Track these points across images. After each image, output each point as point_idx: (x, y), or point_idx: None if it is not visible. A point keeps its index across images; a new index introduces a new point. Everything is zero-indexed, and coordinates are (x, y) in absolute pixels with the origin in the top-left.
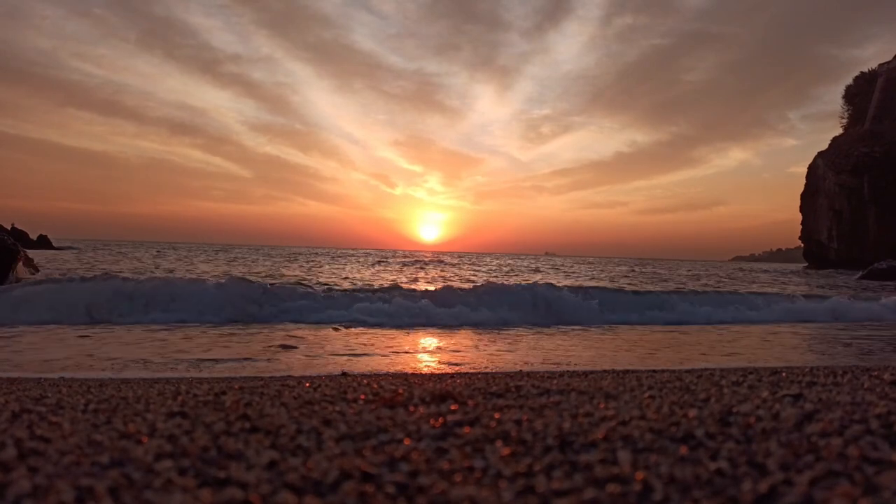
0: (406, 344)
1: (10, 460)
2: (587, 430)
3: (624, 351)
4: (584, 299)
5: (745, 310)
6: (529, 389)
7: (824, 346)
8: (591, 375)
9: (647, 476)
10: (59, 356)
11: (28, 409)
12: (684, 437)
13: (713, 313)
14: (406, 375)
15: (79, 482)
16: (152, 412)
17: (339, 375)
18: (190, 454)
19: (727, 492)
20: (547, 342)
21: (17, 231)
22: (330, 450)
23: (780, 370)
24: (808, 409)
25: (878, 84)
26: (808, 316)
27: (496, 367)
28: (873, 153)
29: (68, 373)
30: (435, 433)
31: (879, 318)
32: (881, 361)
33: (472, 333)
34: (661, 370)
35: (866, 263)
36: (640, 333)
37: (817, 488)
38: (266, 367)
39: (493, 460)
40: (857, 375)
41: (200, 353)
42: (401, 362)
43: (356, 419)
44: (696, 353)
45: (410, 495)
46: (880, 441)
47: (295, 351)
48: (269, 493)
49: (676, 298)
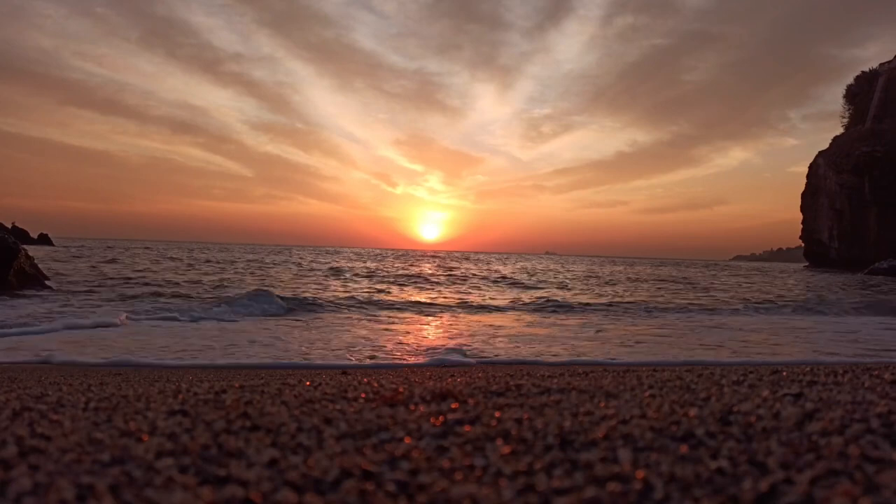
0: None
1: (11, 458)
2: (588, 429)
3: None
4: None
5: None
6: (530, 388)
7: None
8: (591, 374)
9: (648, 475)
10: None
11: (29, 408)
12: (685, 435)
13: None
14: (406, 374)
15: (80, 480)
16: (153, 410)
17: (340, 374)
18: (191, 452)
19: (728, 490)
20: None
21: (18, 229)
22: (330, 448)
23: (781, 369)
24: (809, 408)
25: (878, 83)
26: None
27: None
28: (874, 153)
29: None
30: (435, 431)
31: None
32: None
33: None
34: (662, 369)
35: (867, 263)
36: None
37: (818, 487)
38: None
39: (494, 459)
40: (857, 374)
41: None
42: None
43: (357, 417)
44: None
45: (411, 493)
46: (881, 440)
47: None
48: (270, 491)
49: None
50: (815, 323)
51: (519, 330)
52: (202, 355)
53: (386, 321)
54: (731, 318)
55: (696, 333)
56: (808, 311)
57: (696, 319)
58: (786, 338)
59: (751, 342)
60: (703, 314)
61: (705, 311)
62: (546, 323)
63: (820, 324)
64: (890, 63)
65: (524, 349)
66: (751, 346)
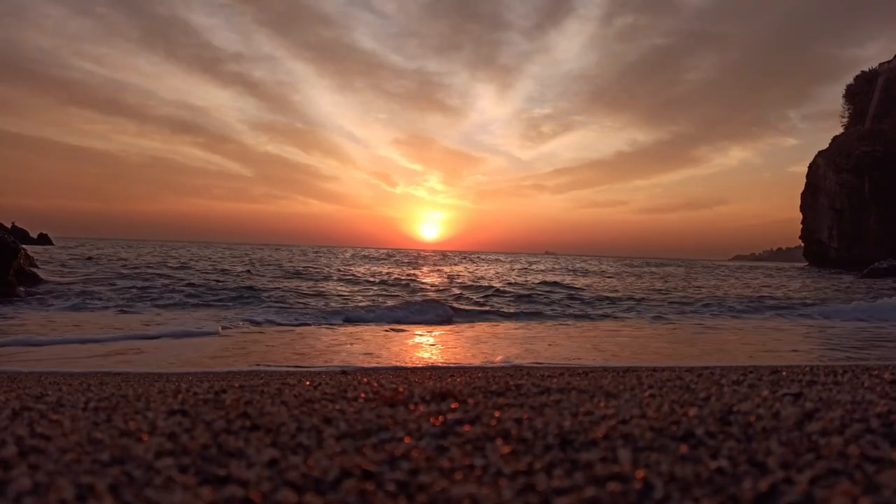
0: None
1: (11, 458)
2: (587, 429)
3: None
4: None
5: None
6: (529, 388)
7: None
8: (591, 374)
9: (648, 474)
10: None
11: (28, 407)
12: (685, 435)
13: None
14: (406, 374)
15: (79, 480)
16: (153, 410)
17: (339, 373)
18: (190, 452)
19: (728, 490)
20: None
21: (18, 229)
22: (330, 448)
23: (781, 369)
24: (809, 408)
25: (878, 83)
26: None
27: None
28: (874, 152)
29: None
30: (435, 431)
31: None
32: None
33: None
34: (662, 369)
35: (867, 263)
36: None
37: (818, 487)
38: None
39: (494, 458)
40: (857, 374)
41: None
42: None
43: (356, 417)
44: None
45: (411, 493)
46: (881, 440)
47: None
48: (270, 490)
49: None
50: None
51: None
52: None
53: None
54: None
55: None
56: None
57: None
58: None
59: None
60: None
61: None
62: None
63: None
64: (890, 63)
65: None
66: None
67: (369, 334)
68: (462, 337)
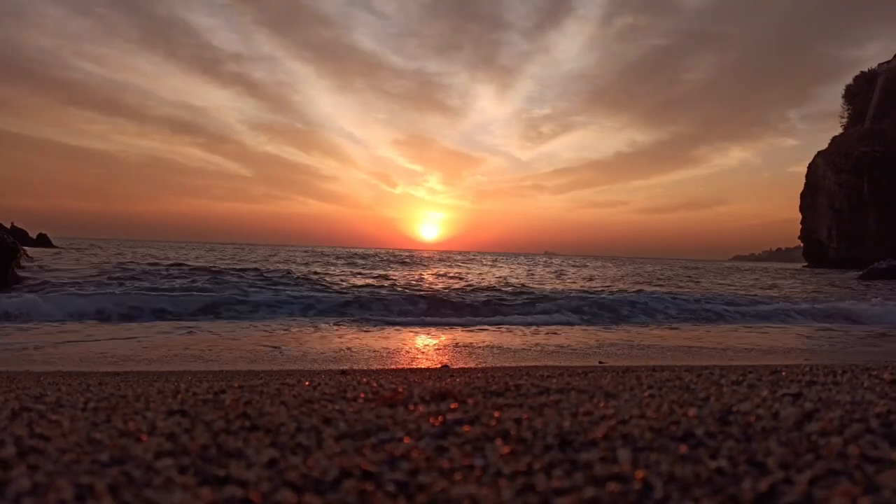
0: None
1: (10, 458)
2: (587, 429)
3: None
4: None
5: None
6: (529, 388)
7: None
8: (590, 374)
9: (647, 475)
10: None
11: (28, 408)
12: (684, 435)
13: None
14: (405, 374)
15: (79, 480)
16: (152, 410)
17: (339, 374)
18: (190, 452)
19: (727, 490)
20: None
21: (17, 230)
22: (330, 448)
23: (780, 369)
24: (808, 408)
25: (877, 83)
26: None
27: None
28: (873, 152)
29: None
30: (435, 431)
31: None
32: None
33: None
34: (661, 368)
35: (866, 263)
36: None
37: (817, 487)
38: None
39: (493, 459)
40: (856, 374)
41: None
42: None
43: (356, 417)
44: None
45: (410, 493)
46: (880, 440)
47: None
48: (270, 491)
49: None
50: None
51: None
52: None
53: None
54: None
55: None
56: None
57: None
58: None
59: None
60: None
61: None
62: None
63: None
64: (889, 63)
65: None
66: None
67: (369, 334)
68: (462, 337)
